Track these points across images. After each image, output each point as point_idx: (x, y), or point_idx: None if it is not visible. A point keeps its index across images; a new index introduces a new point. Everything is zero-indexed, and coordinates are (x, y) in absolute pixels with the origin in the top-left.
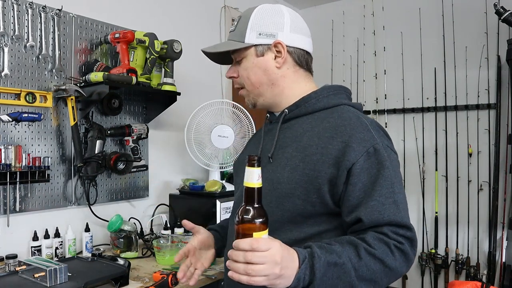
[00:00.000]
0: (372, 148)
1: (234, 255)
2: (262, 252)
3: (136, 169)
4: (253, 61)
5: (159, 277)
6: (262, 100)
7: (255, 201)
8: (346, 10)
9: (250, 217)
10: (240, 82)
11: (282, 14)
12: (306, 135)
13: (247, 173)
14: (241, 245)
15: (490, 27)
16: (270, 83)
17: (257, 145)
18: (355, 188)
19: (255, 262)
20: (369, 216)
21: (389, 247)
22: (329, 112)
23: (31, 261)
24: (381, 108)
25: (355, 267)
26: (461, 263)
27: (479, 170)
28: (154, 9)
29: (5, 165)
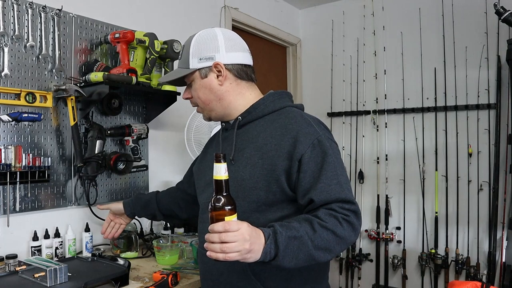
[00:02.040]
0: (316, 140)
1: (210, 237)
2: (233, 232)
3: (136, 169)
4: (200, 82)
5: (159, 277)
6: (214, 114)
7: (223, 190)
8: (346, 10)
9: (221, 205)
10: (194, 101)
11: (216, 37)
12: (260, 136)
13: (216, 168)
14: (215, 228)
15: (490, 27)
16: (217, 99)
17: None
18: (305, 175)
19: (228, 241)
20: (318, 196)
21: (337, 219)
22: (277, 114)
23: (31, 261)
24: (381, 108)
25: (311, 238)
26: (461, 263)
27: (479, 170)
28: (154, 9)
29: (5, 165)
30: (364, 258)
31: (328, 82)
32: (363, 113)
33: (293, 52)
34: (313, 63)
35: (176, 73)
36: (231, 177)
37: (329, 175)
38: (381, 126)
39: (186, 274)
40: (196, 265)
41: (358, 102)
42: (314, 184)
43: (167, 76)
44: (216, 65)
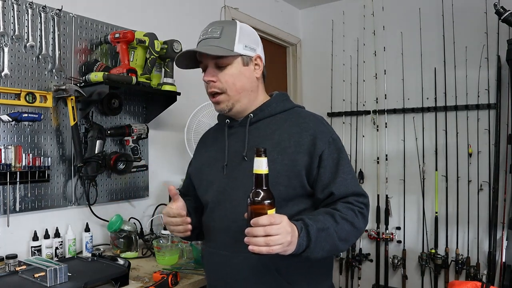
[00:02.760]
0: (331, 138)
1: (254, 231)
2: (277, 225)
3: (136, 169)
4: (240, 69)
5: (159, 277)
6: (239, 106)
7: (263, 184)
8: (346, 10)
9: (262, 198)
10: (221, 87)
11: (255, 32)
12: (276, 133)
13: (257, 162)
14: (261, 221)
15: (490, 27)
16: (250, 90)
17: (221, 148)
18: (325, 170)
19: (273, 234)
20: (338, 189)
21: (354, 212)
22: (287, 114)
23: (31, 261)
24: (381, 108)
25: (336, 230)
26: (461, 263)
27: (479, 170)
28: (154, 9)
29: (5, 165)
30: (364, 258)
31: (328, 82)
32: (363, 113)
33: (293, 52)
34: (313, 63)
35: (218, 50)
36: (245, 174)
37: (345, 170)
38: (381, 126)
39: (186, 274)
40: (196, 265)
41: (358, 102)
42: (333, 179)
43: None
44: (258, 57)
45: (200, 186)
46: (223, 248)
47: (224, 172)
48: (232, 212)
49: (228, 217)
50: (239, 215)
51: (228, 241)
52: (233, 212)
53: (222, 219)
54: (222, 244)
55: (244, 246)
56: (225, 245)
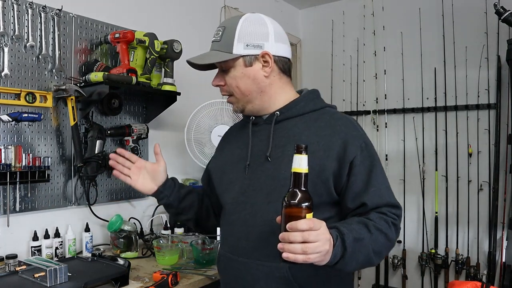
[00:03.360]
0: (363, 143)
1: (291, 236)
2: (316, 231)
3: None
4: (242, 71)
5: (159, 277)
6: (250, 107)
7: (302, 185)
8: (346, 10)
9: (300, 200)
10: (228, 90)
11: (265, 24)
12: (304, 134)
13: (297, 159)
14: (299, 225)
15: (490, 27)
16: (259, 91)
17: (244, 146)
18: (357, 178)
19: (311, 241)
20: (371, 200)
21: (387, 223)
22: (319, 114)
23: (31, 261)
24: (381, 108)
25: (370, 241)
26: (461, 263)
27: (479, 170)
28: (154, 9)
29: (5, 165)
30: None
31: (328, 82)
32: (363, 113)
33: (293, 52)
34: (313, 63)
35: (214, 56)
36: (268, 175)
37: (379, 179)
38: (381, 126)
39: (186, 274)
40: (196, 265)
41: (358, 102)
42: (366, 188)
43: (202, 58)
44: (265, 54)
45: (220, 184)
46: (241, 255)
47: (246, 172)
48: (252, 217)
49: (247, 221)
50: (259, 220)
51: (246, 247)
52: (253, 216)
53: (240, 223)
54: (240, 250)
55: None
56: (243, 252)
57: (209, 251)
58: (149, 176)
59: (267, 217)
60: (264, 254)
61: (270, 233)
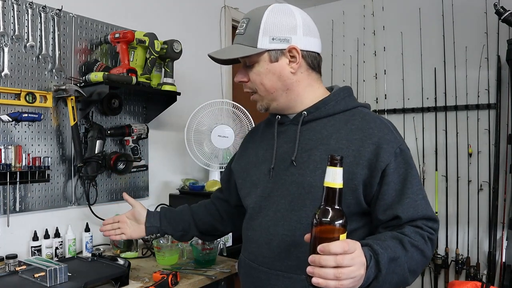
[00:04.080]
0: (398, 149)
1: (323, 260)
2: (351, 254)
3: (136, 169)
4: (267, 66)
5: (159, 277)
6: (275, 105)
7: (336, 202)
8: (346, 10)
9: (333, 219)
10: (252, 87)
11: (294, 16)
12: (333, 137)
13: (330, 173)
14: (333, 248)
15: (490, 27)
16: (285, 88)
17: (269, 147)
18: (389, 188)
19: (345, 265)
20: (405, 212)
21: (424, 238)
22: (350, 115)
23: (31, 261)
24: (381, 108)
25: (405, 259)
26: (461, 263)
27: (479, 170)
28: (154, 9)
29: (5, 165)
30: None
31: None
32: None
33: None
34: None
35: (237, 50)
36: (293, 180)
37: (415, 190)
38: None
39: (186, 274)
40: (196, 265)
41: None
42: (400, 199)
43: (223, 53)
44: (292, 49)
45: (243, 186)
46: (261, 263)
47: (270, 176)
48: (275, 224)
49: (269, 229)
50: (281, 228)
51: (267, 256)
52: (275, 224)
53: (262, 230)
54: (261, 259)
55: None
56: (263, 261)
57: (209, 251)
58: (134, 221)
59: (289, 226)
60: (286, 265)
61: (292, 244)
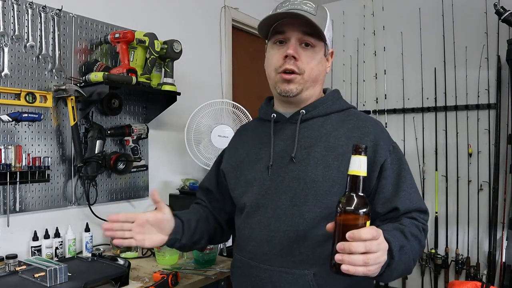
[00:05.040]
0: (391, 146)
1: (353, 247)
2: (377, 240)
3: (136, 169)
4: (321, 56)
5: (159, 277)
6: (305, 94)
7: (360, 189)
8: (346, 10)
9: (359, 206)
10: (302, 67)
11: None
12: (331, 135)
13: (356, 161)
14: (363, 235)
15: (490, 27)
16: (321, 82)
17: (264, 145)
18: (387, 182)
19: (373, 251)
20: (403, 204)
21: (419, 228)
22: (345, 115)
23: (31, 261)
24: (381, 108)
25: (409, 248)
26: (461, 263)
27: (479, 170)
28: (154, 9)
29: (5, 165)
30: None
31: (328, 82)
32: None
33: None
34: None
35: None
36: (294, 176)
37: (408, 183)
38: None
39: (186, 274)
40: (196, 265)
41: (358, 102)
42: (397, 192)
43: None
44: (332, 53)
45: (237, 186)
46: (262, 261)
47: (268, 173)
48: (276, 220)
49: (269, 226)
50: (283, 224)
51: (269, 253)
52: (276, 220)
53: (261, 228)
54: (261, 257)
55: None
56: (264, 258)
57: (209, 251)
58: (154, 228)
59: (291, 221)
60: (288, 261)
61: (295, 239)
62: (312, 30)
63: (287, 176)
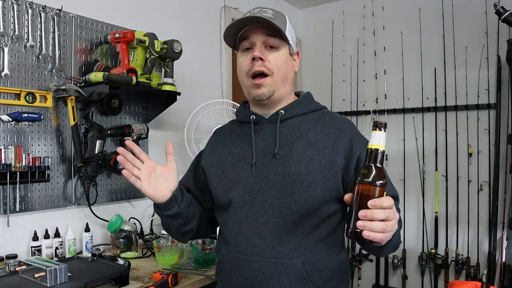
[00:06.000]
0: (365, 141)
1: (375, 213)
2: (393, 209)
3: None
4: (287, 56)
5: (159, 277)
6: (277, 94)
7: (379, 162)
8: (346, 10)
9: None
10: (270, 68)
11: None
12: (310, 132)
13: (376, 136)
14: (385, 203)
15: (490, 27)
16: (289, 81)
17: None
18: None
19: (391, 219)
20: None
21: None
22: (319, 114)
23: (31, 261)
24: (381, 108)
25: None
26: (461, 263)
27: (479, 170)
28: (154, 9)
29: (5, 165)
30: (364, 258)
31: (328, 82)
32: (363, 113)
33: None
34: (313, 63)
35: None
36: (278, 172)
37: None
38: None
39: (186, 274)
40: (196, 265)
41: (358, 102)
42: None
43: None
44: (297, 53)
45: (219, 184)
46: (252, 253)
47: (252, 171)
48: (264, 214)
49: (258, 219)
50: (271, 217)
51: (258, 245)
52: (264, 213)
53: (249, 222)
54: (251, 249)
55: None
56: (254, 250)
57: (209, 251)
58: (160, 179)
59: (279, 213)
60: (278, 251)
61: (284, 230)
62: (274, 32)
63: (271, 172)
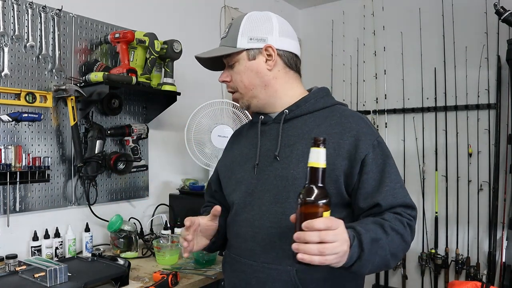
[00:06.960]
0: (376, 141)
1: (307, 236)
2: (334, 230)
3: (136, 169)
4: (245, 64)
5: (159, 277)
6: (256, 102)
7: (320, 181)
8: (346, 10)
9: (317, 197)
10: (233, 86)
11: (270, 19)
12: (314, 132)
13: (314, 153)
14: (316, 224)
15: (490, 27)
16: (263, 84)
17: (253, 145)
18: (368, 177)
19: (329, 241)
20: (385, 200)
21: (403, 224)
22: (329, 111)
23: (31, 261)
24: (381, 108)
25: (386, 242)
26: (461, 263)
27: (479, 170)
28: (154, 9)
29: (5, 165)
30: None
31: (328, 82)
32: (363, 113)
33: None
34: (313, 63)
35: (219, 50)
36: (277, 174)
37: (393, 178)
38: (381, 126)
39: (186, 274)
40: (196, 265)
41: (358, 102)
42: (379, 188)
43: (208, 52)
44: (268, 47)
45: (227, 185)
46: (247, 257)
47: (254, 172)
48: (260, 218)
49: (254, 223)
50: (266, 221)
51: (253, 249)
52: (261, 217)
53: (247, 225)
54: (246, 252)
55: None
56: (249, 254)
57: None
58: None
59: (274, 218)
60: (271, 256)
61: (278, 235)
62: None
63: (271, 174)
